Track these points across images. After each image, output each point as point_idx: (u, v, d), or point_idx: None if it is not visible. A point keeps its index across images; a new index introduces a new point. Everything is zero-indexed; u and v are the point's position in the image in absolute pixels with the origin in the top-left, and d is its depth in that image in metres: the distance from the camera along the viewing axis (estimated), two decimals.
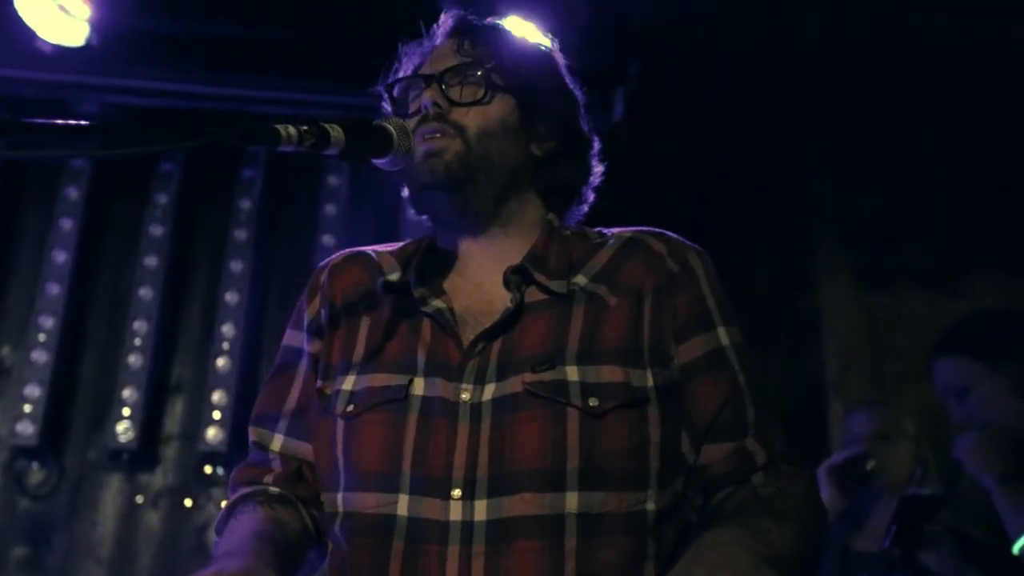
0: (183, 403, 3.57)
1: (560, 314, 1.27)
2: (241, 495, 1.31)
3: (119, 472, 3.45)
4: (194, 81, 3.58)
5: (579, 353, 1.23)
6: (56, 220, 3.59)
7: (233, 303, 3.58)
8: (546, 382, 1.20)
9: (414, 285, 1.32)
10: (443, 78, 1.33)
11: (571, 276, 1.31)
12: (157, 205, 3.68)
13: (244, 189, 3.74)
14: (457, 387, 1.23)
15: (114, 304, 3.62)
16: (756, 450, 1.24)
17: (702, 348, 1.27)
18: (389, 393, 1.25)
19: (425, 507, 1.17)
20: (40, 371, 3.40)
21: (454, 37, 1.39)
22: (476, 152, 1.30)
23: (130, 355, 3.47)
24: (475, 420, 1.20)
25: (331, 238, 3.68)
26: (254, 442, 1.37)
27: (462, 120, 1.31)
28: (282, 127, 1.10)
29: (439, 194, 1.32)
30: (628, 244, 1.35)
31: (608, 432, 1.19)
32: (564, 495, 1.16)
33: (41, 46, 3.18)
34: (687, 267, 1.32)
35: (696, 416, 1.25)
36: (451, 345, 1.27)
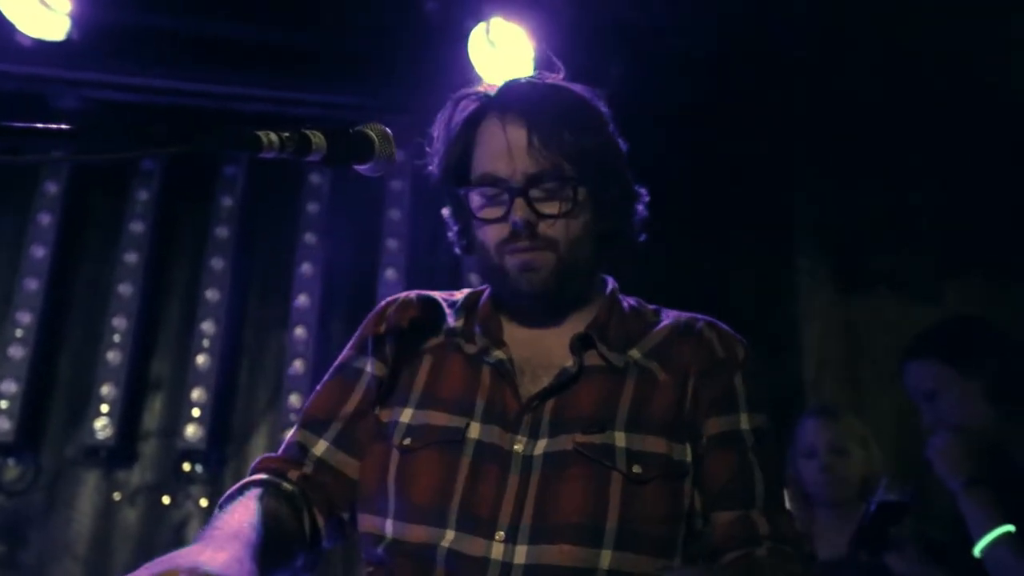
0: (162, 400, 3.55)
1: (614, 383, 1.36)
2: (257, 479, 1.35)
3: (96, 469, 3.43)
4: (175, 77, 3.56)
5: (628, 421, 1.32)
6: (34, 215, 3.57)
7: (214, 300, 3.57)
8: (596, 444, 1.29)
9: (478, 334, 1.41)
10: (528, 193, 1.35)
11: (627, 349, 1.39)
12: (138, 201, 3.66)
13: (226, 186, 3.73)
14: (512, 437, 1.31)
15: (93, 300, 3.60)
16: (760, 522, 1.31)
17: (721, 427, 1.35)
18: (448, 434, 1.33)
19: (469, 544, 1.25)
20: (17, 367, 3.38)
21: (518, 123, 1.37)
22: (567, 263, 1.37)
23: (109, 351, 3.45)
24: (525, 471, 1.29)
25: (313, 236, 3.67)
26: (296, 442, 1.41)
27: (551, 233, 1.36)
28: (263, 134, 1.11)
29: (536, 303, 1.41)
30: (683, 327, 1.43)
31: (647, 498, 1.27)
32: (600, 552, 1.24)
33: (21, 40, 3.15)
34: (732, 355, 1.40)
35: (707, 483, 1.33)
36: (509, 395, 1.35)
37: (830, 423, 2.82)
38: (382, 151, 1.24)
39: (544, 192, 1.36)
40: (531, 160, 1.35)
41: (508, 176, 1.36)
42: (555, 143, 1.35)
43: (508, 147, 1.37)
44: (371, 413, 1.41)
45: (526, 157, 1.35)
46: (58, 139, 1.06)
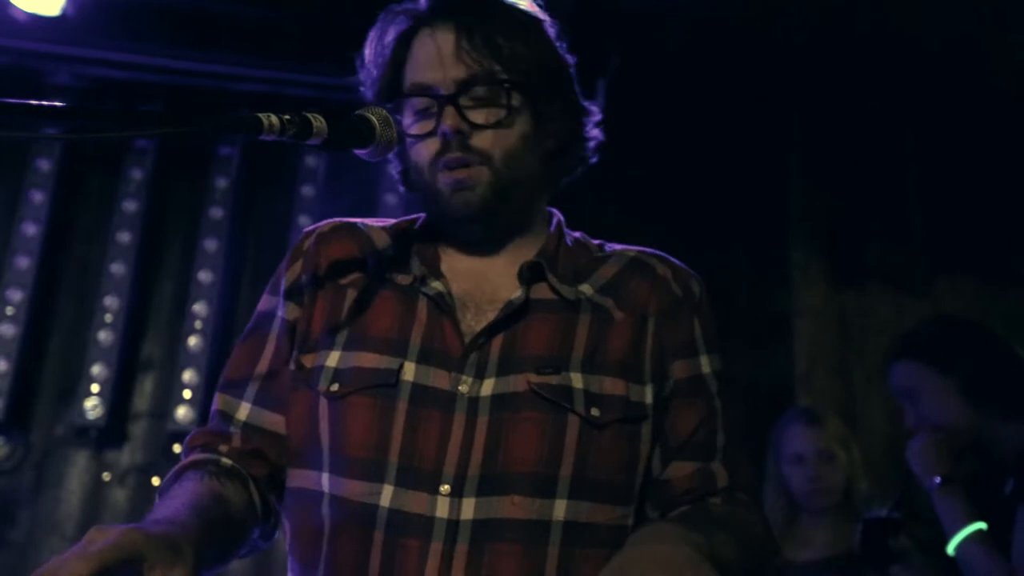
0: (153, 381, 3.54)
1: (566, 319, 1.27)
2: (191, 460, 1.24)
3: (86, 449, 3.42)
4: (170, 55, 3.53)
5: (584, 362, 1.23)
6: (26, 192, 3.54)
7: (207, 282, 3.55)
8: (552, 385, 1.20)
9: (412, 263, 1.29)
10: (457, 100, 1.25)
11: (577, 284, 1.31)
12: (131, 180, 3.63)
13: (221, 167, 3.71)
14: (456, 377, 1.21)
15: (85, 279, 3.58)
16: (719, 473, 1.27)
17: (685, 372, 1.30)
18: (379, 376, 1.21)
19: (410, 500, 1.16)
20: (7, 345, 3.36)
21: (446, 28, 1.28)
22: (505, 178, 1.27)
23: (100, 331, 3.43)
24: (471, 414, 1.19)
25: (307, 219, 3.65)
26: (219, 410, 1.31)
27: (486, 146, 1.26)
28: (264, 116, 1.08)
29: (473, 226, 1.30)
30: (634, 263, 1.36)
31: (604, 444, 1.20)
32: (553, 502, 1.17)
33: (15, 14, 3.13)
34: (689, 293, 1.35)
35: (671, 434, 1.28)
36: (450, 332, 1.24)
37: (817, 429, 2.80)
38: (383, 135, 1.21)
39: (476, 100, 1.26)
40: (461, 65, 1.26)
41: (437, 83, 1.27)
42: (488, 47, 1.26)
43: (437, 54, 1.28)
44: (289, 362, 1.29)
45: (455, 62, 1.26)
46: (52, 116, 1.02)
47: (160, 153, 3.69)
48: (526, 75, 1.28)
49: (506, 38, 1.28)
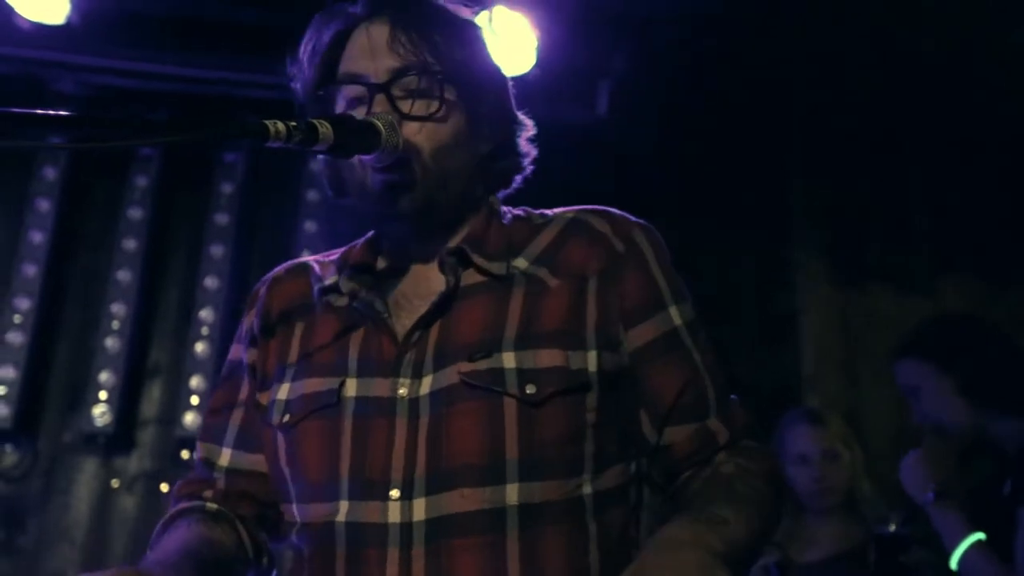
0: (160, 387, 3.55)
1: (499, 298, 1.23)
2: (179, 509, 1.27)
3: (94, 456, 3.43)
4: (173, 62, 3.54)
5: (517, 338, 1.19)
6: (32, 200, 3.55)
7: (213, 288, 3.56)
8: (482, 371, 1.17)
9: (346, 282, 1.28)
10: (390, 88, 1.23)
11: (511, 259, 1.26)
12: (136, 187, 3.65)
13: (226, 173, 3.72)
14: (394, 382, 1.19)
15: (91, 287, 3.59)
16: (718, 430, 1.24)
17: (655, 331, 1.25)
18: (323, 399, 1.21)
19: (364, 511, 1.15)
20: (15, 353, 3.37)
21: (381, 21, 1.26)
22: (436, 175, 1.23)
23: (107, 338, 3.45)
24: (413, 416, 1.17)
25: (313, 224, 3.66)
26: (202, 458, 1.34)
27: (414, 139, 1.22)
28: (270, 123, 1.08)
29: (404, 224, 1.28)
30: (571, 225, 1.30)
31: (545, 420, 1.16)
32: (504, 488, 1.14)
33: (19, 22, 3.14)
34: (633, 245, 1.28)
35: (657, 399, 1.24)
36: (386, 339, 1.23)
37: (821, 429, 2.80)
38: (388, 140, 1.19)
39: (407, 92, 1.23)
40: (394, 55, 1.23)
41: (369, 72, 1.24)
42: (423, 41, 1.24)
43: (370, 45, 1.25)
44: (257, 402, 1.32)
45: (389, 52, 1.23)
46: (58, 125, 1.02)
47: (165, 160, 3.70)
48: (460, 73, 1.26)
49: (442, 36, 1.26)
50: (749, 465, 1.22)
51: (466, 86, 1.27)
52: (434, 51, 1.25)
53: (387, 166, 1.21)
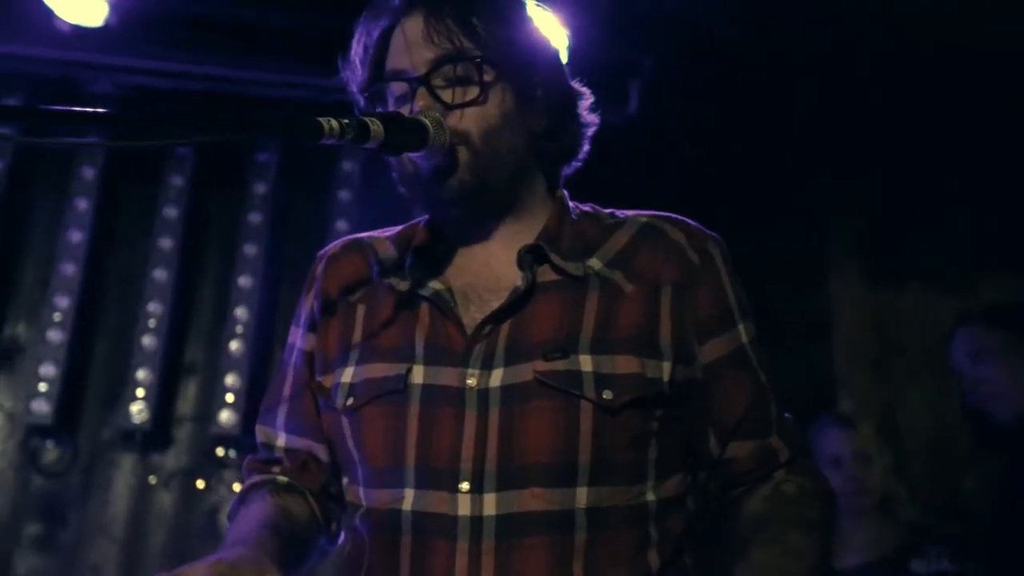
0: (196, 385, 3.59)
1: (574, 298, 1.23)
2: (252, 483, 1.33)
3: (132, 452, 3.48)
4: (209, 63, 3.58)
5: (593, 341, 1.19)
6: (71, 200, 3.60)
7: (247, 287, 3.60)
8: (559, 372, 1.17)
9: (409, 267, 1.29)
10: (429, 79, 1.24)
11: (585, 258, 1.27)
12: (172, 187, 3.69)
13: (259, 173, 3.75)
14: (462, 372, 1.19)
15: (128, 285, 3.64)
16: (779, 448, 1.27)
17: (726, 347, 1.26)
18: (388, 384, 1.22)
19: (431, 501, 1.16)
20: (55, 351, 3.42)
21: (417, 16, 1.27)
22: (484, 157, 1.24)
23: (144, 336, 3.49)
24: (482, 408, 1.17)
25: (345, 223, 3.69)
26: (261, 442, 1.38)
27: (461, 126, 1.23)
28: (324, 121, 1.11)
29: (455, 209, 1.29)
30: (645, 230, 1.31)
31: (618, 426, 1.17)
32: (575, 491, 1.15)
33: (59, 25, 3.19)
34: (708, 257, 1.28)
35: (724, 414, 1.26)
36: (452, 328, 1.23)
37: (852, 432, 2.83)
38: (436, 138, 1.21)
39: (448, 80, 1.24)
40: (431, 46, 1.24)
41: (408, 67, 1.25)
42: (460, 27, 1.24)
43: (408, 40, 1.26)
44: (307, 389, 1.34)
45: (425, 45, 1.24)
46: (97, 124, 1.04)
47: (199, 160, 3.74)
48: (501, 52, 1.25)
49: (481, 18, 1.26)
50: (809, 485, 1.26)
51: (510, 64, 1.26)
52: (471, 35, 1.25)
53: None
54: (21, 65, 3.51)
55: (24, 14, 3.15)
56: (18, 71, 3.55)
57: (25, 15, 3.15)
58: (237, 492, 1.34)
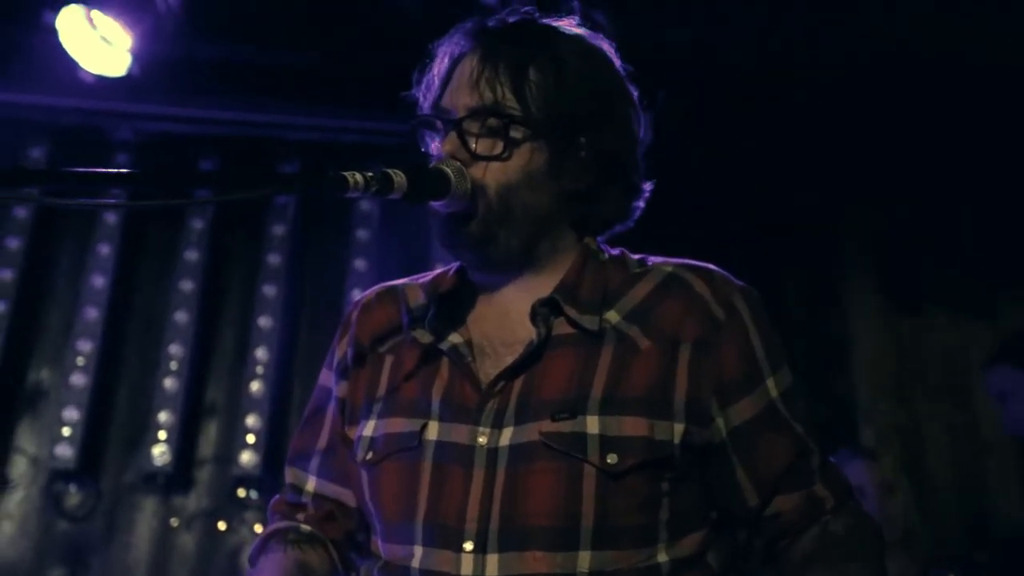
0: (217, 426, 3.61)
1: (587, 354, 1.21)
2: (274, 529, 1.34)
3: (154, 495, 3.49)
4: (227, 107, 3.66)
5: (602, 401, 1.17)
6: (94, 245, 3.66)
7: (266, 327, 3.62)
8: (564, 434, 1.15)
9: (431, 320, 1.29)
10: (461, 125, 1.25)
11: (603, 311, 1.24)
12: (192, 230, 3.74)
13: (277, 214, 3.80)
14: (474, 430, 1.19)
15: (150, 328, 3.67)
16: (825, 496, 1.25)
17: (754, 408, 1.23)
18: (405, 440, 1.22)
19: (437, 560, 1.16)
20: (79, 394, 3.45)
21: (476, 53, 1.27)
22: (496, 211, 1.23)
23: (166, 378, 3.51)
24: (491, 467, 1.17)
25: (363, 262, 3.72)
26: (290, 483, 1.39)
27: (480, 177, 1.23)
28: (349, 175, 1.14)
29: (464, 252, 1.29)
30: (668, 281, 1.27)
31: (624, 490, 1.15)
32: (577, 555, 1.13)
33: (83, 77, 3.26)
34: (733, 312, 1.24)
35: (763, 471, 1.23)
36: (467, 384, 1.23)
37: (875, 463, 2.83)
38: (457, 187, 1.22)
39: (480, 129, 1.24)
40: (475, 93, 1.24)
41: (453, 108, 1.27)
42: (509, 78, 1.23)
43: (459, 79, 1.27)
44: (343, 435, 1.35)
45: (472, 90, 1.24)
46: (118, 182, 1.08)
47: (218, 204, 3.79)
48: (546, 109, 1.24)
49: (536, 69, 1.24)
50: (856, 524, 1.25)
51: (551, 123, 1.24)
52: (518, 87, 1.23)
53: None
54: (46, 115, 3.60)
55: (50, 66, 3.23)
56: (43, 120, 3.64)
57: (51, 67, 3.23)
58: (258, 535, 1.34)
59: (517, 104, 1.23)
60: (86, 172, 1.04)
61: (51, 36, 3.14)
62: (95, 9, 3.11)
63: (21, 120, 3.64)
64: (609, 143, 1.29)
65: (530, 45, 1.27)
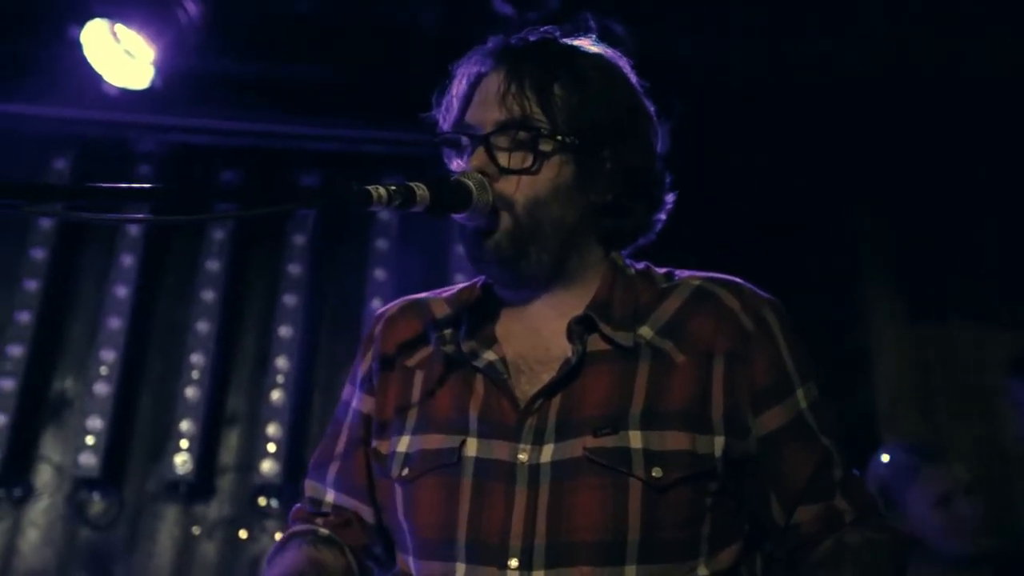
0: (238, 435, 3.63)
1: (624, 370, 1.23)
2: (292, 531, 1.36)
3: (176, 503, 3.52)
4: (248, 119, 3.70)
5: (643, 416, 1.19)
6: (117, 255, 3.70)
7: (287, 336, 3.65)
8: (608, 449, 1.17)
9: (464, 338, 1.29)
10: (490, 140, 1.26)
11: (636, 326, 1.26)
12: (213, 241, 3.77)
13: (297, 225, 3.82)
14: (514, 447, 1.20)
15: (172, 337, 3.70)
16: (845, 508, 1.25)
17: (784, 417, 1.24)
18: (442, 457, 1.23)
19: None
20: (102, 403, 3.49)
21: (501, 71, 1.29)
22: (526, 226, 1.25)
23: (187, 388, 3.54)
24: (533, 483, 1.18)
25: (382, 272, 3.74)
26: (309, 497, 1.41)
27: (509, 192, 1.25)
28: (373, 189, 1.15)
29: (491, 267, 1.30)
30: (698, 295, 1.28)
31: (668, 503, 1.17)
32: (623, 569, 1.14)
33: (107, 89, 3.30)
34: (763, 324, 1.26)
35: (787, 482, 1.24)
36: (505, 401, 1.23)
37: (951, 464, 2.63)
38: (479, 199, 1.23)
39: (512, 144, 1.26)
40: (502, 108, 1.26)
41: (478, 123, 1.28)
42: (536, 93, 1.25)
43: (484, 97, 1.29)
44: (359, 451, 1.36)
45: (498, 105, 1.26)
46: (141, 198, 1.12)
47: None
48: (572, 124, 1.26)
49: (560, 85, 1.26)
50: (875, 536, 1.24)
51: (578, 137, 1.26)
52: (545, 102, 1.25)
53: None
54: (70, 127, 3.65)
55: (75, 79, 3.27)
56: (68, 132, 3.70)
57: (76, 80, 3.27)
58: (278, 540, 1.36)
59: (545, 118, 1.26)
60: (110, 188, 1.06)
61: (76, 50, 3.19)
62: (119, 23, 3.16)
63: (47, 132, 3.70)
64: (632, 156, 1.31)
65: (553, 63, 1.29)
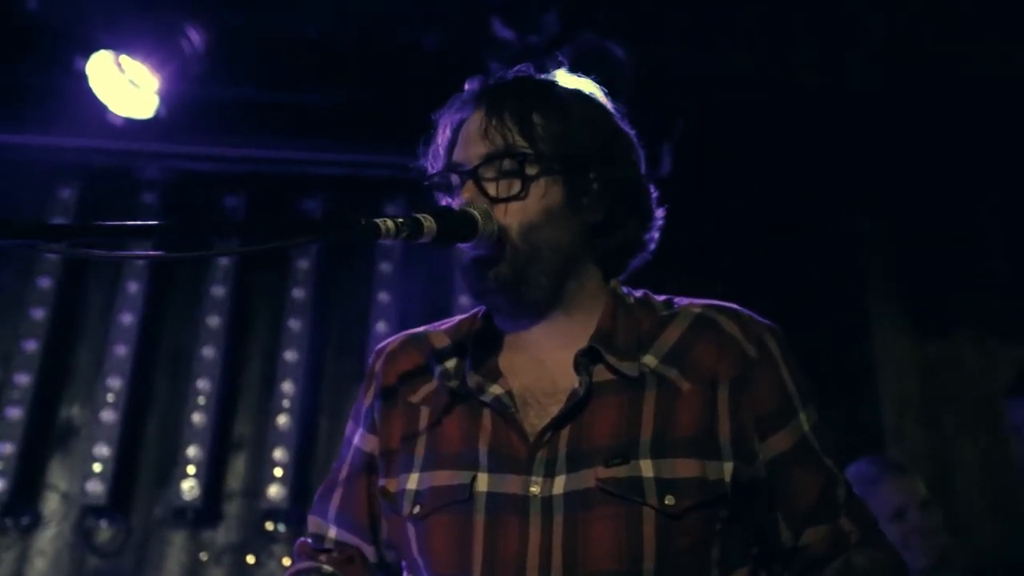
0: (245, 460, 3.63)
1: (631, 399, 1.24)
2: (297, 569, 1.38)
3: (183, 529, 3.51)
4: (252, 145, 3.73)
5: (653, 444, 1.20)
6: (123, 283, 3.72)
7: (292, 361, 3.66)
8: (620, 479, 1.18)
9: (469, 372, 1.30)
10: (477, 173, 1.29)
11: (640, 355, 1.27)
12: (218, 267, 3.79)
13: (301, 250, 3.84)
14: (526, 480, 1.21)
15: (178, 364, 3.72)
16: (850, 529, 1.28)
17: (789, 440, 1.27)
18: (453, 493, 1.24)
19: None
20: (109, 430, 3.49)
21: (481, 110, 1.33)
22: (523, 252, 1.27)
23: (194, 413, 3.55)
24: (547, 516, 1.19)
25: (386, 296, 3.75)
26: (312, 532, 1.42)
27: (504, 220, 1.27)
28: (381, 222, 1.18)
29: (494, 297, 1.31)
30: (699, 322, 1.30)
31: (682, 530, 1.18)
32: None
33: (112, 119, 3.33)
34: (764, 350, 1.28)
35: (794, 504, 1.27)
36: (515, 435, 1.24)
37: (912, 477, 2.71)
38: (484, 228, 1.25)
39: (496, 173, 1.29)
40: (485, 142, 1.29)
41: (463, 161, 1.32)
42: (515, 123, 1.29)
43: (467, 135, 1.33)
44: (362, 489, 1.38)
45: (481, 140, 1.30)
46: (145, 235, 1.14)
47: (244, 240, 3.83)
48: (555, 147, 1.29)
49: (540, 115, 1.30)
50: (880, 556, 1.28)
51: (562, 158, 1.29)
52: (525, 131, 1.29)
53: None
54: (76, 156, 3.69)
55: (80, 109, 3.31)
56: (73, 161, 3.73)
57: (81, 110, 3.30)
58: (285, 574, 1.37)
59: (528, 145, 1.29)
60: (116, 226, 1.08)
61: (81, 81, 3.23)
62: (123, 54, 3.19)
63: (53, 161, 3.73)
64: (618, 172, 1.34)
65: (530, 95, 1.33)
